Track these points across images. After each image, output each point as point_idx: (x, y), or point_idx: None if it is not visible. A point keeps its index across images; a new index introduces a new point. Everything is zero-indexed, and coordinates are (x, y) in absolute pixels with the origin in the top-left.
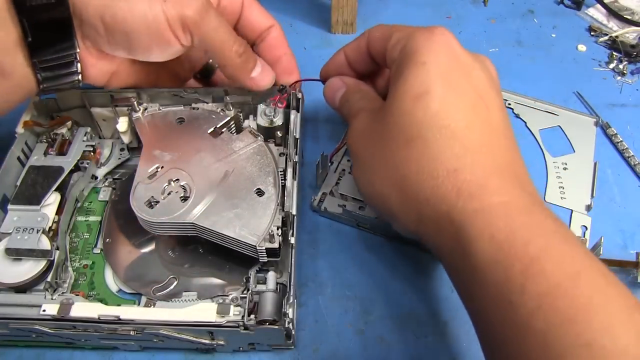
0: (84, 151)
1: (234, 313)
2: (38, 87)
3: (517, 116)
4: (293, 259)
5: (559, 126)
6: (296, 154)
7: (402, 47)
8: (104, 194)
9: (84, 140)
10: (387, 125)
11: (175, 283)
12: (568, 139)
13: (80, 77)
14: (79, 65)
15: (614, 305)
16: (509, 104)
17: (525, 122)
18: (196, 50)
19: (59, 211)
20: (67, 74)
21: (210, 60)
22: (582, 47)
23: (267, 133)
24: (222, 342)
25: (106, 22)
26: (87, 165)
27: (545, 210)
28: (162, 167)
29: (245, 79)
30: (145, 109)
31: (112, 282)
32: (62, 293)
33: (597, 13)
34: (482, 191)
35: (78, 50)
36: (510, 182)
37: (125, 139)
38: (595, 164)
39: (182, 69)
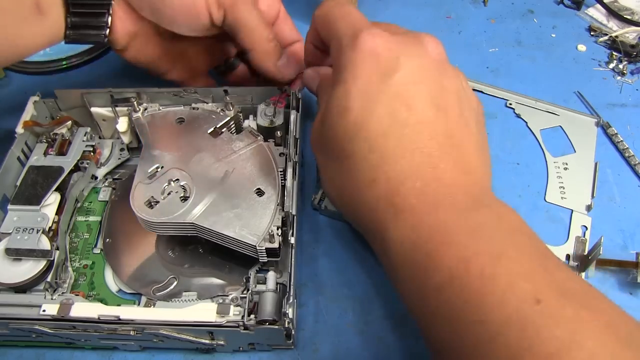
0: (84, 151)
1: (234, 313)
2: (65, 33)
3: (518, 116)
4: (293, 259)
5: (560, 126)
6: (296, 154)
7: (336, 61)
8: (104, 194)
9: (84, 140)
10: (324, 138)
11: (175, 283)
12: (569, 139)
13: (107, 32)
14: (109, 19)
15: (501, 281)
16: (510, 104)
17: (526, 122)
18: (218, 42)
19: (59, 211)
20: (96, 26)
21: (232, 59)
22: (582, 47)
23: (267, 133)
24: (222, 342)
25: None
26: (87, 165)
27: (460, 200)
28: (162, 167)
29: (271, 65)
30: (145, 109)
31: (112, 282)
32: (62, 293)
33: (597, 13)
34: (394, 198)
35: (112, 1)
36: (423, 182)
37: (125, 139)
38: (596, 164)
39: (199, 62)
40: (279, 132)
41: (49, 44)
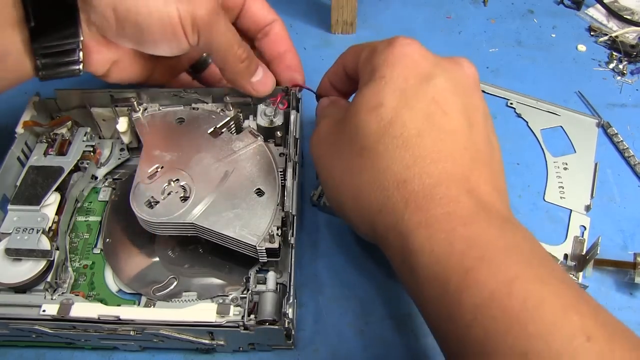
0: (84, 151)
1: (234, 313)
2: (36, 74)
3: (518, 116)
4: (293, 259)
5: (561, 126)
6: (296, 154)
7: (368, 65)
8: (104, 194)
9: (84, 141)
10: (344, 134)
11: (175, 283)
12: (569, 139)
13: (81, 66)
14: (80, 54)
15: (548, 309)
16: (511, 104)
17: (527, 122)
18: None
19: (59, 211)
20: (68, 62)
21: (205, 55)
22: (582, 47)
23: (267, 133)
24: (222, 342)
25: (118, 13)
26: (87, 165)
27: (495, 217)
28: (162, 167)
29: (245, 84)
30: (145, 109)
31: (112, 282)
32: (62, 293)
33: (597, 13)
34: (427, 202)
35: (81, 38)
36: (458, 190)
37: (125, 139)
38: (595, 164)
39: (177, 62)
40: (279, 132)
41: (9, 86)
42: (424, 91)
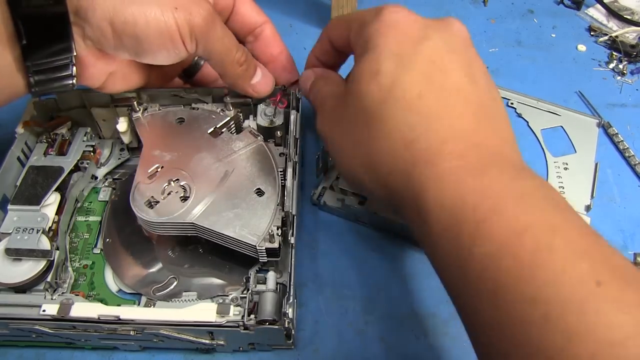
0: (84, 151)
1: (234, 313)
2: (29, 90)
3: (519, 115)
4: (293, 259)
5: (561, 126)
6: (296, 154)
7: (360, 38)
8: (104, 194)
9: (84, 141)
10: (349, 108)
11: (175, 283)
12: (570, 139)
13: (74, 80)
14: (74, 68)
15: (557, 256)
16: (512, 103)
17: (527, 122)
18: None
19: (59, 211)
20: (61, 78)
21: (196, 59)
22: (582, 47)
23: (267, 133)
24: (222, 342)
25: (115, 25)
26: (87, 165)
27: (506, 167)
28: (162, 167)
29: (245, 86)
30: (145, 109)
31: (112, 282)
32: (62, 293)
33: (597, 13)
34: (436, 158)
35: (74, 53)
36: (465, 144)
37: (125, 139)
38: (596, 164)
39: (170, 68)
40: (279, 132)
41: (5, 104)
42: (420, 52)
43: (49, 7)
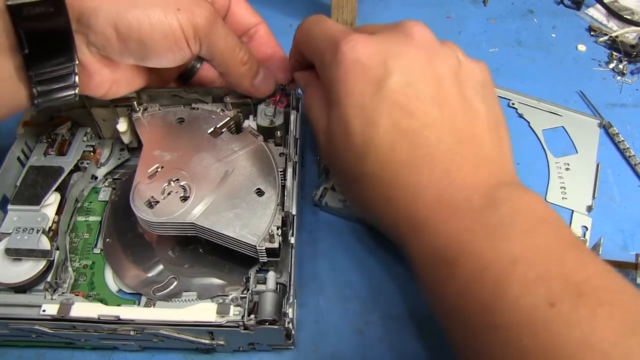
0: (84, 151)
1: (234, 313)
2: (31, 102)
3: (520, 116)
4: (293, 259)
5: (563, 127)
6: (296, 154)
7: (324, 76)
8: (104, 194)
9: (84, 141)
10: (332, 157)
11: (175, 283)
12: (571, 139)
13: (77, 90)
14: (76, 78)
15: (514, 287)
16: (513, 104)
17: (529, 122)
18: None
19: (59, 211)
20: (63, 88)
21: (193, 62)
22: (582, 47)
23: (267, 133)
24: (222, 342)
25: (120, 30)
26: (87, 165)
27: (476, 201)
28: (162, 167)
29: (248, 86)
30: (145, 109)
31: (112, 282)
32: (62, 293)
33: (597, 13)
34: (410, 210)
35: (77, 62)
36: (438, 189)
37: (125, 139)
38: (597, 165)
39: (168, 72)
40: (279, 132)
41: (7, 117)
42: (383, 98)
43: (50, 15)
